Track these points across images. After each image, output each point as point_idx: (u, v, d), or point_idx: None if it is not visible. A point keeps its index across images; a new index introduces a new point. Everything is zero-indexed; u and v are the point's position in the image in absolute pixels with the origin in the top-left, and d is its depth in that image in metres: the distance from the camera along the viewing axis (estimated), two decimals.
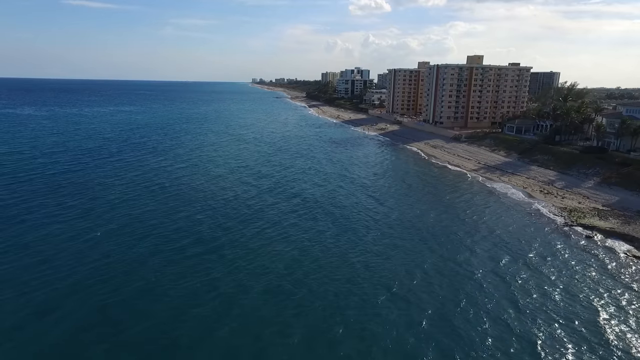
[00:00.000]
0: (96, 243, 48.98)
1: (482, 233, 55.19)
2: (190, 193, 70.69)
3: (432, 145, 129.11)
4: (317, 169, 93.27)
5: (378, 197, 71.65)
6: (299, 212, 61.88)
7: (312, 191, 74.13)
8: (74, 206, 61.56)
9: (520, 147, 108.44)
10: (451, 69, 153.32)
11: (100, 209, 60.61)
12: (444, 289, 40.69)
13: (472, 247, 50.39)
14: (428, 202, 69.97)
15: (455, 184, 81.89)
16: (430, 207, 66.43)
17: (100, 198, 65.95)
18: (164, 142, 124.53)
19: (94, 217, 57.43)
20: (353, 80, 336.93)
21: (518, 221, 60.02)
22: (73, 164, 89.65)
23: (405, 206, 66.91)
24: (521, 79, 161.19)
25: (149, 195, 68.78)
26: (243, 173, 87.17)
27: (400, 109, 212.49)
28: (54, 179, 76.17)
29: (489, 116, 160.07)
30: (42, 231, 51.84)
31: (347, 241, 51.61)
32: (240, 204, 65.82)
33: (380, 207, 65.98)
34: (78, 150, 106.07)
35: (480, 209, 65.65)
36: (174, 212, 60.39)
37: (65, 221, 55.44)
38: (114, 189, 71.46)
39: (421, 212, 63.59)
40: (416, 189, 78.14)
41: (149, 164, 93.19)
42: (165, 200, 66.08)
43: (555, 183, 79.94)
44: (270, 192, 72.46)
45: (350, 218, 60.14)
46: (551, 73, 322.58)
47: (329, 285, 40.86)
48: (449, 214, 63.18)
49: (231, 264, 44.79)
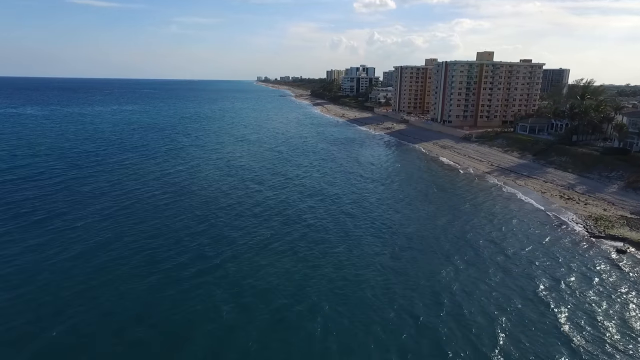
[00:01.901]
0: (84, 260, 44.31)
1: (507, 247, 50.02)
2: (192, 200, 65.79)
3: (441, 145, 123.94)
4: (324, 172, 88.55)
5: (390, 203, 66.67)
6: (307, 222, 57.00)
7: (321, 197, 69.22)
8: (62, 215, 57.14)
9: (534, 147, 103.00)
10: (460, 66, 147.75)
11: (91, 219, 55.96)
12: (477, 320, 35.19)
13: (500, 265, 45.18)
14: (443, 210, 64.76)
15: (468, 189, 76.72)
16: (447, 216, 61.32)
17: (92, 206, 61.34)
18: (164, 143, 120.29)
19: (83, 228, 52.84)
20: (358, 78, 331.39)
21: (542, 233, 54.66)
22: (67, 168, 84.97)
23: (421, 215, 61.98)
24: (533, 76, 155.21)
25: (146, 203, 63.87)
26: (247, 177, 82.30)
27: (407, 108, 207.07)
28: (44, 185, 72.07)
29: (500, 115, 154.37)
30: (22, 244, 47.56)
31: (362, 257, 46.57)
32: (245, 210, 61.24)
33: (394, 215, 61.08)
34: (74, 152, 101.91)
35: (499, 218, 60.38)
36: (173, 222, 55.67)
37: (51, 233, 50.99)
38: (108, 196, 66.72)
39: (438, 222, 58.56)
40: (429, 195, 73.13)
41: (147, 167, 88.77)
42: (164, 208, 61.27)
43: (576, 187, 74.64)
44: (276, 199, 67.60)
45: (363, 228, 55.26)
46: (561, 70, 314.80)
47: (345, 313, 35.88)
48: (467, 224, 58.02)
49: (235, 285, 40.02)
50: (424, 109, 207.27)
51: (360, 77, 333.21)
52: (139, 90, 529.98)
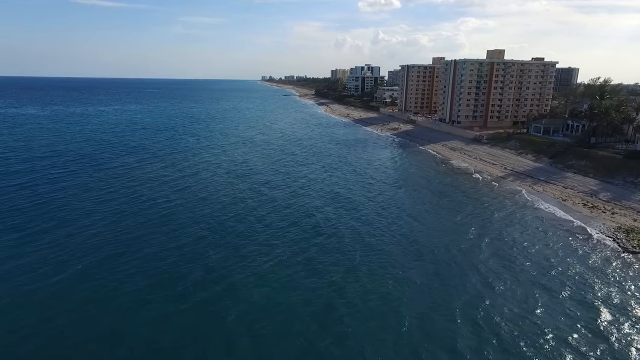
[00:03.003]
0: (73, 282, 40.07)
1: (533, 265, 45.24)
2: (196, 210, 60.92)
3: (451, 147, 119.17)
4: (333, 178, 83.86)
5: (409, 212, 62.01)
6: (321, 236, 52.04)
7: (332, 207, 64.03)
8: (51, 230, 52.48)
9: (550, 150, 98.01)
10: (470, 64, 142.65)
11: (85, 233, 51.41)
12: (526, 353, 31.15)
13: (530, 287, 40.55)
14: (460, 219, 59.57)
15: (483, 195, 71.88)
16: (465, 226, 56.53)
17: (86, 217, 56.98)
18: (166, 145, 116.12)
19: (75, 244, 48.48)
20: (363, 77, 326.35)
21: (569, 247, 49.80)
22: (62, 173, 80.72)
23: (440, 225, 57.51)
24: (546, 75, 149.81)
25: (147, 213, 59.13)
26: (253, 183, 77.28)
27: (413, 108, 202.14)
28: (35, 193, 68.23)
29: (511, 115, 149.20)
30: (8, 265, 43.34)
31: (384, 279, 41.64)
32: (254, 222, 56.84)
33: (415, 225, 56.66)
34: (70, 156, 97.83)
35: (521, 229, 55.41)
36: (176, 237, 50.79)
37: (38, 250, 46.55)
38: (105, 205, 61.99)
39: (458, 233, 54.00)
40: (444, 202, 68.34)
41: (147, 172, 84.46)
42: (166, 219, 56.46)
43: (599, 194, 69.76)
44: (286, 209, 62.45)
45: (381, 242, 50.78)
46: (570, 69, 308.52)
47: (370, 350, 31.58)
48: (488, 235, 53.25)
49: (246, 316, 35.38)
50: (431, 109, 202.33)
51: (365, 77, 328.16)
52: (143, 90, 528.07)
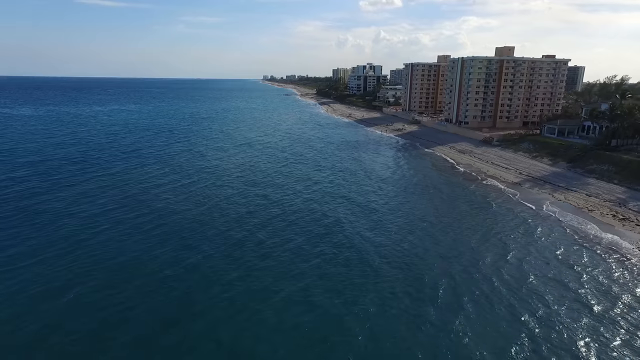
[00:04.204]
0: (43, 307, 34.46)
1: (569, 294, 38.97)
2: (191, 225, 54.37)
3: (459, 149, 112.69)
4: (336, 185, 77.68)
5: (417, 229, 55.41)
6: (325, 255, 46.16)
7: (340, 220, 57.50)
8: (29, 251, 46.57)
9: (568, 153, 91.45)
10: (479, 62, 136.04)
11: (55, 250, 45.98)
12: None
13: (575, 324, 34.45)
14: (479, 238, 53.35)
15: (502, 207, 64.57)
16: (486, 244, 50.48)
17: (62, 229, 51.35)
18: (158, 149, 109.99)
19: (44, 262, 42.91)
20: (366, 77, 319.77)
21: (605, 270, 43.22)
22: (41, 180, 74.44)
23: (456, 249, 50.93)
24: (557, 73, 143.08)
25: (136, 229, 52.56)
26: (250, 194, 70.44)
27: (418, 107, 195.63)
28: (6, 202, 62.43)
29: (521, 116, 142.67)
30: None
31: (397, 318, 35.28)
32: (252, 236, 51.01)
33: (429, 244, 50.50)
34: (55, 160, 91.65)
35: (551, 250, 48.57)
36: (171, 262, 43.96)
37: (7, 271, 40.85)
38: (83, 221, 56.55)
39: (481, 254, 47.78)
40: (457, 217, 61.74)
41: (134, 178, 78.70)
42: (158, 238, 49.62)
43: (629, 203, 63.24)
44: (285, 220, 56.85)
45: (391, 263, 44.69)
46: (575, 67, 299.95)
47: None
48: (511, 254, 47.19)
49: None
50: (436, 108, 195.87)
51: (368, 75, 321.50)
52: (143, 89, 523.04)
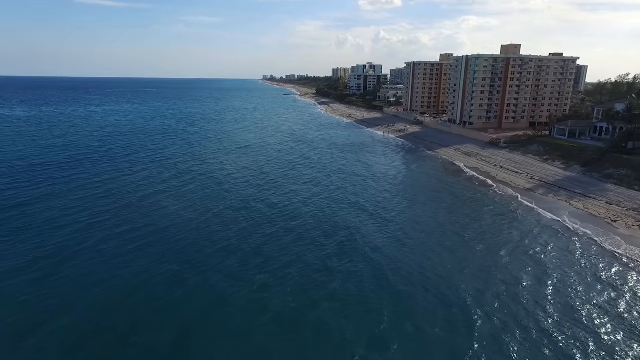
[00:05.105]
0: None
1: (624, 322, 34.16)
2: (189, 238, 49.77)
3: (465, 152, 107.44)
4: (342, 193, 72.13)
5: (429, 242, 50.37)
6: (331, 276, 41.01)
7: (352, 235, 52.01)
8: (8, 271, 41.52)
9: (582, 156, 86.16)
10: (484, 60, 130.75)
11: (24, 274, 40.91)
12: None
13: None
14: (498, 257, 48.48)
15: (522, 218, 58.72)
16: (504, 262, 45.42)
17: (52, 248, 46.33)
18: (152, 152, 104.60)
19: (31, 289, 37.86)
20: (366, 76, 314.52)
21: None
22: (26, 189, 68.79)
23: (473, 268, 45.81)
24: (565, 72, 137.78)
25: (123, 247, 47.66)
26: (244, 201, 65.57)
27: (420, 107, 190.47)
28: None
29: (527, 116, 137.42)
30: None
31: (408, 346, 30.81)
32: (256, 252, 46.13)
33: (453, 262, 45.30)
34: (36, 165, 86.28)
35: (578, 270, 43.31)
36: (166, 286, 39.42)
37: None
38: (63, 236, 51.75)
39: (500, 279, 42.63)
40: (470, 228, 56.64)
41: (122, 185, 73.41)
42: (150, 257, 44.37)
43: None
44: (291, 232, 51.70)
45: (407, 283, 39.77)
46: (579, 67, 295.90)
47: None
48: (532, 275, 42.09)
49: None
50: (438, 108, 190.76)
51: (368, 75, 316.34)
52: (142, 89, 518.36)
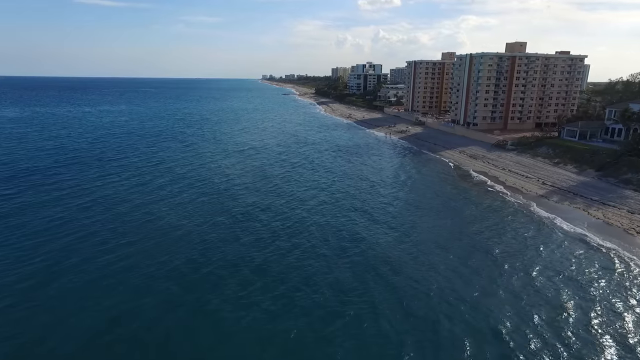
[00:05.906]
0: None
1: None
2: (185, 250, 45.61)
3: (471, 154, 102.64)
4: (347, 200, 67.51)
5: (448, 265, 45.63)
6: (344, 306, 35.97)
7: (358, 246, 48.03)
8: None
9: (595, 159, 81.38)
10: (489, 59, 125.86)
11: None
12: None
13: None
14: (520, 272, 44.00)
15: (540, 230, 53.43)
16: (520, 282, 40.77)
17: (38, 266, 41.76)
18: (146, 155, 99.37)
19: None
20: (366, 75, 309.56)
21: None
22: (5, 199, 65.13)
23: (486, 292, 41.28)
24: (573, 71, 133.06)
25: (110, 265, 43.22)
26: (241, 206, 61.14)
27: (421, 107, 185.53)
28: None
29: (533, 116, 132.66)
30: None
31: None
32: (260, 264, 42.11)
33: (448, 289, 40.65)
34: (17, 170, 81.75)
35: (602, 294, 38.52)
36: (161, 307, 35.43)
37: None
38: (43, 246, 47.13)
39: (516, 296, 37.98)
40: (480, 243, 51.96)
41: (112, 192, 68.69)
42: (146, 278, 40.12)
43: None
44: (292, 254, 46.43)
45: (429, 309, 35.36)
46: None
47: None
48: (551, 297, 37.45)
49: None
50: (440, 109, 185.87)
51: (368, 74, 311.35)
52: (141, 89, 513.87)
